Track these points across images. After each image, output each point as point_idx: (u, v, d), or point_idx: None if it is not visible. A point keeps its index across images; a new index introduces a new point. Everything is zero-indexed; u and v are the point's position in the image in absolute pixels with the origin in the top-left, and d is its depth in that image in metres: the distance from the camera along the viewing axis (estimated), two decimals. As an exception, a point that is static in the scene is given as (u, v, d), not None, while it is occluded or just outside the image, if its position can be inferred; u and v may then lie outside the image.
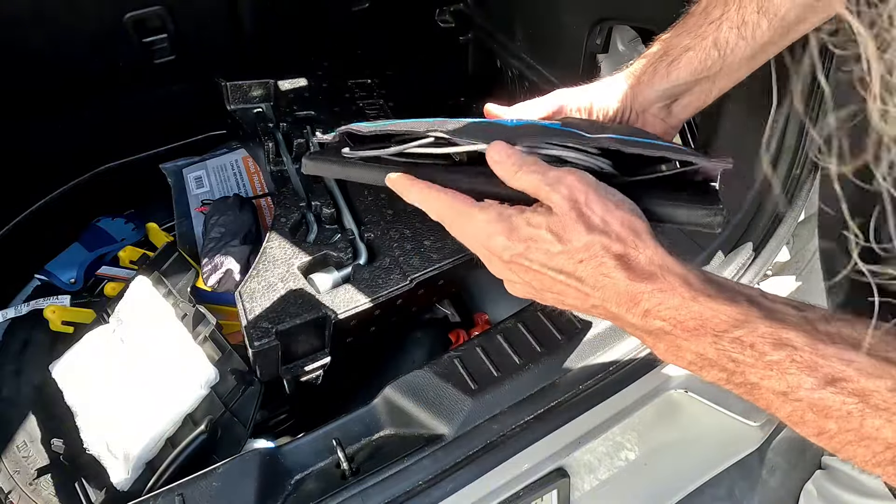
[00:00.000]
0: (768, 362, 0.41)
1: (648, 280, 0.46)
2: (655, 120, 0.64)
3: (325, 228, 1.04)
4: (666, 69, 0.62)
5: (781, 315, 0.42)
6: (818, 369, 0.39)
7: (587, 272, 0.48)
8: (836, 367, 0.38)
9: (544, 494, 0.83)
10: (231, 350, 0.93)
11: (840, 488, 1.03)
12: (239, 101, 1.30)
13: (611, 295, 0.47)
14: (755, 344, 0.41)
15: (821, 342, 0.40)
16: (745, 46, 0.59)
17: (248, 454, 0.79)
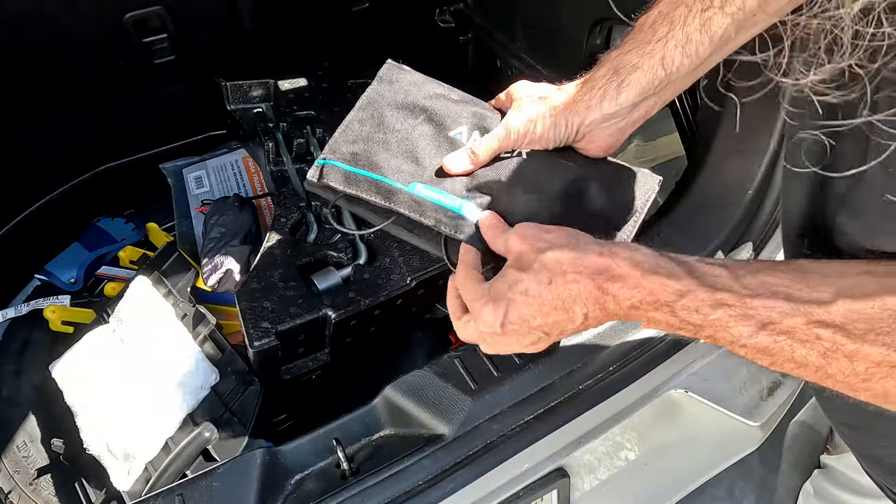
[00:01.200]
0: (712, 321, 0.49)
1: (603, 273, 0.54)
2: (601, 137, 0.69)
3: (324, 228, 1.04)
4: (615, 91, 0.65)
5: (714, 279, 0.50)
6: (750, 319, 0.47)
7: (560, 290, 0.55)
8: (764, 315, 0.46)
9: (544, 494, 0.83)
10: (231, 350, 0.93)
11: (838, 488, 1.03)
12: (239, 101, 1.30)
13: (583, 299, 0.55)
14: (699, 308, 0.49)
15: (748, 296, 0.47)
16: (688, 63, 0.63)
17: (248, 454, 0.79)
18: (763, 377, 0.97)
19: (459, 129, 0.74)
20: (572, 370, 0.86)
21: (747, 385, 0.96)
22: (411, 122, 0.75)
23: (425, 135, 0.74)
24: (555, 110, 0.68)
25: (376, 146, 0.73)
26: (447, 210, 0.70)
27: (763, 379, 0.97)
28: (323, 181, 0.73)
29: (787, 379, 0.99)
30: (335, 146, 0.74)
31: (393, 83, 0.78)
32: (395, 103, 0.76)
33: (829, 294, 0.45)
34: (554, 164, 0.71)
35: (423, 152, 0.73)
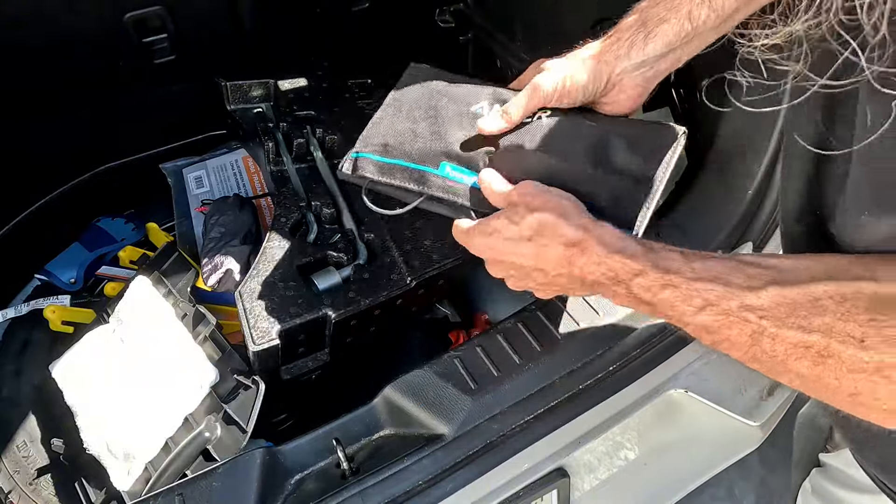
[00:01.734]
0: (661, 300, 0.55)
1: (576, 245, 0.60)
2: (630, 86, 0.71)
3: (324, 228, 1.04)
4: (643, 42, 0.68)
5: (668, 263, 0.55)
6: (692, 300, 0.53)
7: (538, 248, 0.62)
8: (704, 296, 0.52)
9: (544, 494, 0.83)
10: (231, 350, 0.93)
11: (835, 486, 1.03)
12: (239, 101, 1.30)
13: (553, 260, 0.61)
14: (650, 287, 0.55)
15: (694, 280, 0.53)
16: (714, 17, 0.65)
17: (248, 454, 0.79)
18: (763, 377, 0.97)
19: (480, 104, 0.78)
20: (572, 370, 0.86)
21: (747, 385, 0.96)
22: (434, 105, 0.80)
23: (448, 113, 0.78)
24: (584, 63, 0.70)
25: (405, 136, 0.78)
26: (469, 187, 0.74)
27: (763, 379, 0.97)
28: (358, 173, 0.78)
29: (787, 379, 0.99)
30: (367, 139, 0.80)
31: (415, 78, 0.84)
32: (419, 95, 0.82)
33: (761, 282, 0.50)
34: (575, 125, 0.72)
35: (447, 130, 0.77)
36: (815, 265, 0.50)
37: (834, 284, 0.47)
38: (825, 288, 0.47)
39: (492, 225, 0.66)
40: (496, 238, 0.66)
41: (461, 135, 0.76)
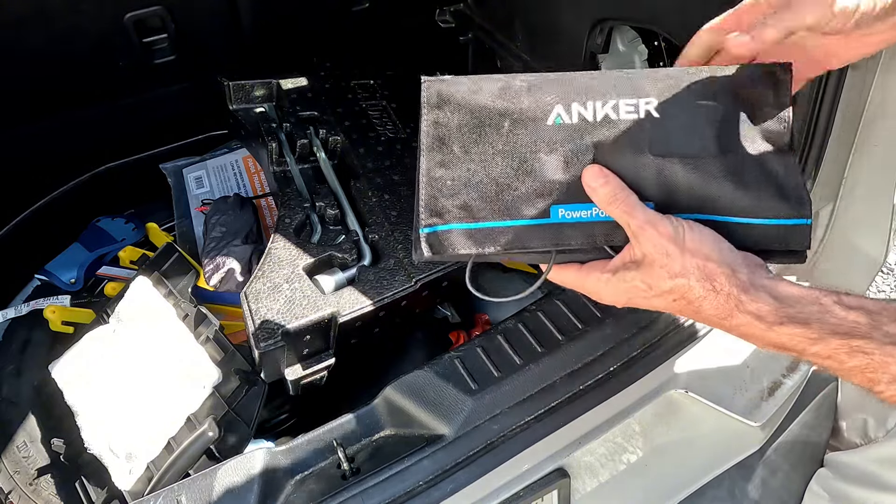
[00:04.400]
0: (848, 367, 0.51)
1: (728, 318, 0.56)
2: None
3: (329, 229, 1.04)
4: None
5: (851, 326, 0.51)
6: (888, 368, 0.49)
7: (680, 307, 0.59)
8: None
9: (545, 495, 0.83)
10: (234, 350, 0.93)
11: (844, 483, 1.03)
12: (241, 101, 1.29)
13: (705, 322, 0.59)
14: (832, 356, 0.51)
15: (889, 344, 0.49)
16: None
17: (249, 454, 0.79)
18: (763, 377, 0.97)
19: (555, 112, 0.63)
20: (572, 370, 0.86)
21: (747, 385, 0.96)
22: (496, 131, 0.64)
23: (524, 138, 0.63)
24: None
25: (485, 185, 0.63)
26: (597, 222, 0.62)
27: (763, 379, 0.97)
28: (448, 253, 0.63)
29: (787, 379, 0.99)
30: (433, 206, 0.63)
31: (447, 101, 0.65)
32: (467, 123, 0.64)
33: None
34: (693, 111, 0.63)
35: (534, 161, 0.63)
36: None
37: None
38: None
39: (625, 285, 0.60)
40: (627, 293, 0.61)
41: (555, 163, 0.62)
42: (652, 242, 0.57)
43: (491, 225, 0.63)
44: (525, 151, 0.63)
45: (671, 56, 1.08)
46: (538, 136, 0.63)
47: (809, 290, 0.55)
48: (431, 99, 0.65)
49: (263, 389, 0.90)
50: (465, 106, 0.64)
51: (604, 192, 0.60)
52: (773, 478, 1.07)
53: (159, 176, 1.43)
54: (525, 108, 0.63)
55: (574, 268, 0.65)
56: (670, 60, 1.08)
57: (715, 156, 0.62)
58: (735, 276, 0.56)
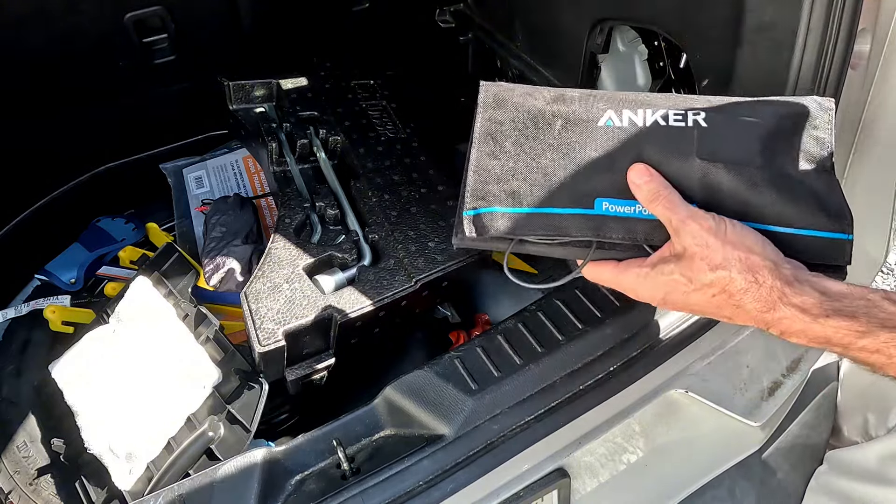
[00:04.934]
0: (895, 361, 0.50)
1: (770, 311, 0.55)
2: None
3: (329, 229, 1.04)
4: None
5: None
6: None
7: (720, 302, 0.58)
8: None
9: (545, 495, 0.83)
10: (234, 350, 0.93)
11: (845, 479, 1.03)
12: (241, 101, 1.29)
13: (745, 319, 0.57)
14: (881, 349, 0.51)
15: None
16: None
17: (248, 454, 0.79)
18: (763, 377, 0.97)
19: (606, 116, 0.66)
20: (573, 371, 0.86)
21: (748, 385, 0.96)
22: (548, 130, 0.67)
23: (575, 137, 0.66)
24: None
25: (534, 175, 0.65)
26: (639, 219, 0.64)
27: (763, 379, 0.97)
28: (488, 234, 0.64)
29: (787, 379, 0.99)
30: (480, 191, 0.65)
31: (503, 102, 0.69)
32: (521, 122, 0.68)
33: None
34: (738, 124, 0.65)
35: (583, 157, 0.65)
36: None
37: None
38: None
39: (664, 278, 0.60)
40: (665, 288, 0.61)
41: (603, 160, 0.64)
42: (692, 235, 0.58)
43: (535, 210, 0.64)
44: (575, 147, 0.66)
45: (671, 56, 1.08)
46: (589, 135, 0.66)
47: (856, 287, 0.55)
48: (488, 99, 0.69)
49: (263, 389, 0.90)
50: (521, 107, 0.69)
51: (648, 189, 0.61)
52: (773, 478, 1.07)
53: (159, 176, 1.43)
54: (577, 111, 0.67)
55: (611, 264, 0.65)
56: (670, 60, 1.08)
57: (759, 166, 0.64)
58: (778, 270, 0.56)
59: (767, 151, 0.64)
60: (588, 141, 0.66)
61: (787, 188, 0.63)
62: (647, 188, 0.62)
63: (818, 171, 0.65)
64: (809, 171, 0.65)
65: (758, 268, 0.56)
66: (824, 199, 0.64)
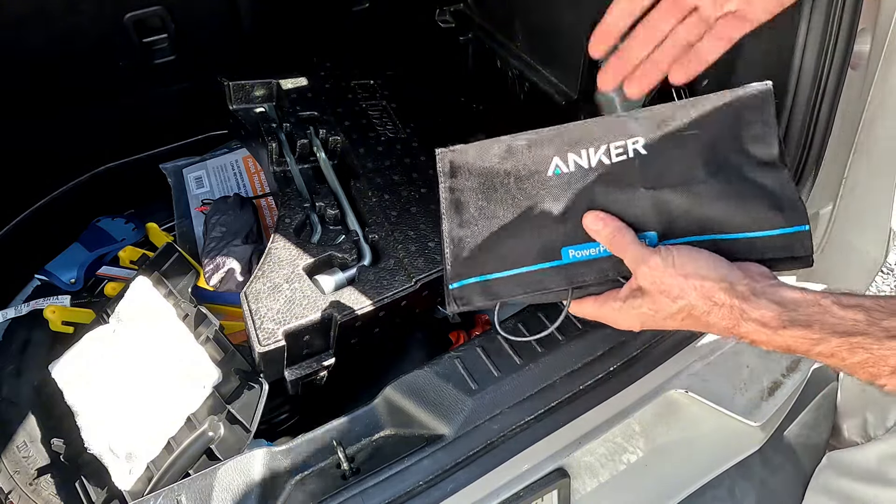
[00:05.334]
0: (850, 364, 0.53)
1: (735, 327, 0.59)
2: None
3: (329, 229, 1.04)
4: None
5: (850, 324, 0.54)
6: (888, 361, 0.51)
7: (691, 323, 0.63)
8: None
9: (544, 495, 0.83)
10: (234, 350, 0.93)
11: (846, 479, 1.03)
12: (241, 101, 1.29)
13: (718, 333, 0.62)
14: (834, 353, 0.54)
15: (887, 339, 0.51)
16: None
17: (248, 454, 0.79)
18: (764, 377, 0.97)
19: (553, 164, 0.70)
20: (573, 371, 0.86)
21: (748, 385, 0.96)
22: (503, 190, 0.71)
23: (529, 191, 0.70)
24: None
25: (500, 239, 0.70)
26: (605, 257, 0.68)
27: (763, 379, 0.97)
28: (471, 304, 0.71)
29: (787, 379, 0.99)
30: (458, 264, 0.71)
31: (459, 169, 0.73)
32: (479, 187, 0.72)
33: None
34: (677, 142, 0.68)
35: (541, 211, 0.69)
36: None
37: None
38: None
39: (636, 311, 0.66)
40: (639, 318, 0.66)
41: (559, 210, 0.69)
42: (645, 277, 0.63)
43: (511, 273, 0.70)
44: (532, 203, 0.69)
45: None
46: (541, 187, 0.70)
47: (810, 293, 0.58)
48: (445, 168, 0.73)
49: (263, 389, 0.90)
50: (475, 170, 0.72)
51: (604, 235, 0.67)
52: (773, 478, 1.07)
53: (159, 176, 1.43)
54: (527, 163, 0.70)
55: (591, 300, 0.71)
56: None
57: (704, 180, 0.66)
58: (734, 289, 0.60)
59: (711, 163, 0.67)
60: (542, 194, 0.70)
61: (736, 195, 0.66)
62: (603, 233, 0.67)
63: (764, 166, 0.67)
64: (756, 169, 0.67)
65: (713, 291, 0.60)
66: (775, 195, 0.66)
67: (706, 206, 0.66)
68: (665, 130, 0.68)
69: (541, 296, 0.71)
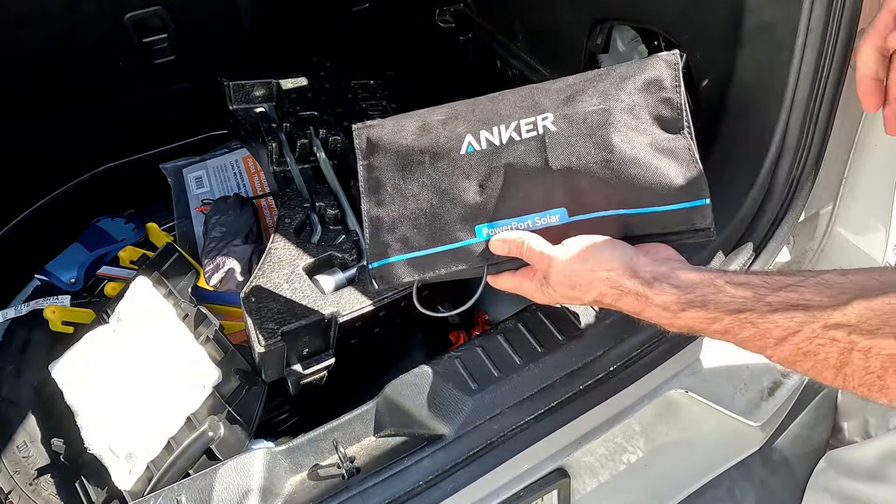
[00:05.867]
0: (742, 339, 0.56)
1: (642, 311, 0.62)
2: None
3: (329, 229, 1.04)
4: None
5: (740, 302, 0.56)
6: (771, 332, 0.53)
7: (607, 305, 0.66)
8: (784, 326, 0.52)
9: (544, 495, 0.83)
10: (234, 350, 0.93)
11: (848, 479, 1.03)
12: (241, 101, 1.29)
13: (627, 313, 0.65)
14: (728, 331, 0.57)
15: (770, 312, 0.53)
16: None
17: (248, 454, 0.79)
18: (764, 377, 0.97)
19: (466, 141, 0.72)
20: (573, 371, 0.86)
21: (747, 385, 0.96)
22: (424, 171, 0.72)
23: (444, 169, 0.71)
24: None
25: (418, 218, 0.71)
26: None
27: (763, 379, 0.98)
28: (395, 282, 0.72)
29: (787, 379, 0.99)
30: (376, 247, 0.72)
31: (375, 146, 0.74)
32: (395, 165, 0.73)
33: (844, 298, 0.49)
34: (585, 118, 0.69)
35: (456, 188, 0.70)
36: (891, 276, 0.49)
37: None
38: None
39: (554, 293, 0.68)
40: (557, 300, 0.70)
41: (472, 188, 0.70)
42: (557, 279, 0.66)
43: (427, 252, 0.71)
44: (446, 181, 0.71)
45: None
46: (455, 165, 0.71)
47: (706, 273, 0.60)
48: (363, 145, 0.74)
49: (263, 389, 0.90)
50: (391, 148, 0.73)
51: (508, 250, 0.69)
52: (773, 478, 1.07)
53: (159, 176, 1.43)
54: (441, 141, 0.72)
55: (509, 274, 0.73)
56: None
57: (609, 157, 0.68)
58: (637, 277, 0.62)
59: (617, 137, 0.68)
60: (456, 172, 0.71)
61: (640, 169, 0.67)
62: (507, 250, 0.69)
63: (669, 140, 0.68)
64: (661, 142, 0.68)
65: (618, 281, 0.63)
66: (679, 169, 0.67)
67: (613, 181, 0.68)
68: (574, 107, 0.70)
69: (457, 273, 0.72)
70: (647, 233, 0.68)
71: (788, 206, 0.90)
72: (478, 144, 0.71)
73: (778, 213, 0.91)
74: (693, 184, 0.67)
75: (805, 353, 0.51)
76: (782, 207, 0.91)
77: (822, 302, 0.51)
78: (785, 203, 0.90)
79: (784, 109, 0.85)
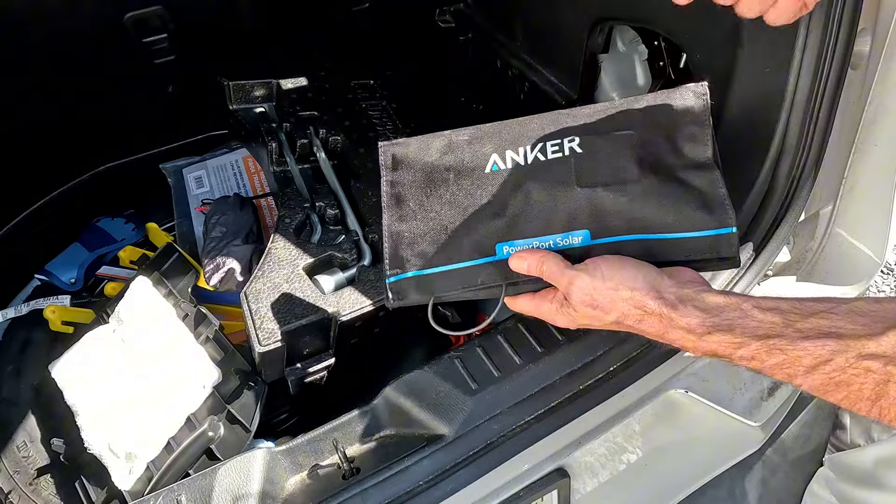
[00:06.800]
0: (769, 366, 0.54)
1: (665, 334, 0.61)
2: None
3: (329, 229, 1.04)
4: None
5: (768, 327, 0.55)
6: (801, 360, 0.52)
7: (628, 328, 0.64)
8: (815, 354, 0.51)
9: (544, 495, 0.83)
10: (234, 350, 0.93)
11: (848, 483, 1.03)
12: (241, 101, 1.29)
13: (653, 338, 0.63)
14: (755, 357, 0.55)
15: (801, 339, 0.52)
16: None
17: (248, 454, 0.79)
18: (764, 377, 0.97)
19: (492, 160, 0.71)
20: (573, 371, 0.86)
21: (747, 385, 0.96)
22: (447, 188, 0.72)
23: (467, 187, 0.71)
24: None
25: (438, 234, 0.71)
26: None
27: (763, 379, 0.98)
28: (407, 298, 0.71)
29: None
30: (395, 258, 0.71)
31: (400, 162, 0.74)
32: (419, 181, 0.73)
33: (880, 327, 0.48)
34: (612, 142, 0.69)
35: (478, 206, 0.70)
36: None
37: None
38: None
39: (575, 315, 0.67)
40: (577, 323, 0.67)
41: (495, 206, 0.70)
42: (578, 297, 0.65)
43: (446, 268, 0.70)
44: (469, 199, 0.70)
45: (671, 56, 1.08)
46: (479, 183, 0.71)
47: (733, 297, 0.59)
48: (388, 162, 0.74)
49: (263, 389, 0.90)
50: (416, 165, 0.73)
51: (527, 268, 0.68)
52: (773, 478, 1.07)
53: (159, 176, 1.43)
54: (466, 160, 0.72)
55: (527, 297, 0.72)
56: (670, 60, 1.08)
57: (636, 180, 0.67)
58: (662, 298, 0.61)
59: (644, 163, 0.68)
60: (479, 190, 0.71)
61: (667, 195, 0.67)
62: (527, 267, 0.68)
63: (697, 167, 0.68)
64: (688, 170, 0.68)
65: (642, 301, 0.61)
66: (705, 196, 0.67)
67: (638, 205, 0.67)
68: (601, 130, 0.70)
69: (476, 291, 0.71)
70: (670, 259, 0.67)
71: (788, 206, 0.90)
72: (503, 164, 0.71)
73: (778, 213, 0.91)
74: (719, 211, 0.66)
75: (837, 383, 0.50)
76: (782, 207, 0.90)
77: (855, 330, 0.49)
78: (785, 203, 0.90)
79: (784, 109, 0.85)
